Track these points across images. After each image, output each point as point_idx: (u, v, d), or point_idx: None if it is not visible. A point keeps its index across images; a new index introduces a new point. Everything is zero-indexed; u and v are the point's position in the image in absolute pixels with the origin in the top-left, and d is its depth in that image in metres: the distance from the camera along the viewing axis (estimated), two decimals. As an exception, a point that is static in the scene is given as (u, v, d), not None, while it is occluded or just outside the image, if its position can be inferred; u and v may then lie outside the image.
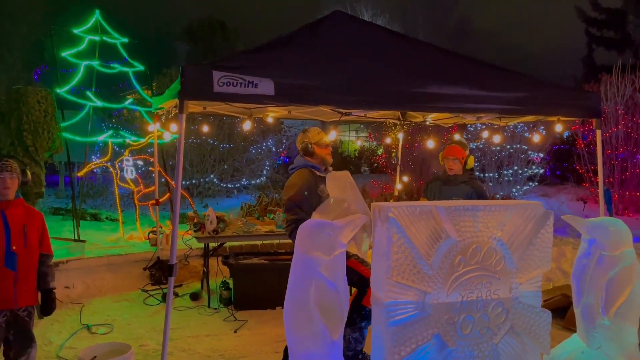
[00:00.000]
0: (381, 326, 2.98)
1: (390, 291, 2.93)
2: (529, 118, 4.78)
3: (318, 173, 3.94)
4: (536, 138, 8.60)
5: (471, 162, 4.45)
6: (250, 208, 8.00)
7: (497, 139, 4.81)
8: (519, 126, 12.40)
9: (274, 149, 14.20)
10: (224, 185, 12.85)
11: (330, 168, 4.14)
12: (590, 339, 3.27)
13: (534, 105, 3.97)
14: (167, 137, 5.24)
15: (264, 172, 13.68)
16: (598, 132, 4.28)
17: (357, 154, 22.61)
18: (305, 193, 3.75)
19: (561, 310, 5.21)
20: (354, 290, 4.14)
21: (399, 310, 2.97)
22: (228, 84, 3.17)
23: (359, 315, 3.87)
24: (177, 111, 3.41)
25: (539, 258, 3.20)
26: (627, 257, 3.20)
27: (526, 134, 12.39)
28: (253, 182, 13.28)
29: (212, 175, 12.51)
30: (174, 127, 3.56)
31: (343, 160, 21.85)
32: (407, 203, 3.19)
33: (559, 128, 4.31)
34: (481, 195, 4.32)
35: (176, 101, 3.36)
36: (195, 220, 5.74)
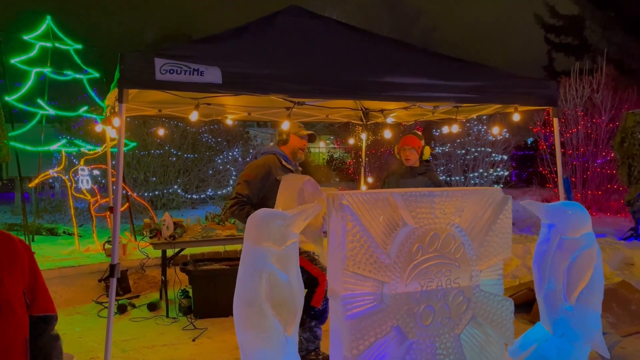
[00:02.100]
0: (338, 320, 2.84)
1: (347, 283, 2.80)
2: (488, 110, 4.75)
3: (284, 162, 3.93)
4: (495, 130, 8.65)
5: (427, 152, 4.40)
6: (215, 217, 7.79)
7: (455, 128, 4.75)
8: (483, 129, 12.56)
9: (240, 159, 14.00)
10: (189, 197, 12.57)
11: (300, 169, 4.10)
12: (553, 325, 3.19)
13: (490, 94, 3.94)
14: (113, 134, 5.01)
15: (231, 182, 13.45)
16: (555, 121, 4.27)
17: (325, 163, 22.57)
18: (261, 175, 3.78)
19: (527, 304, 5.15)
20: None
21: (356, 303, 2.83)
22: (171, 71, 3.01)
23: (308, 315, 3.77)
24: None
25: (499, 244, 3.11)
26: (587, 240, 3.15)
27: (490, 138, 12.55)
28: (219, 192, 13.03)
29: (175, 186, 12.22)
30: (116, 121, 3.38)
31: (314, 170, 21.76)
32: (362, 191, 3.08)
33: (516, 118, 4.28)
34: (439, 187, 4.26)
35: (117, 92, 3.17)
36: (152, 227, 5.50)
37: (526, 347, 3.28)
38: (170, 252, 5.53)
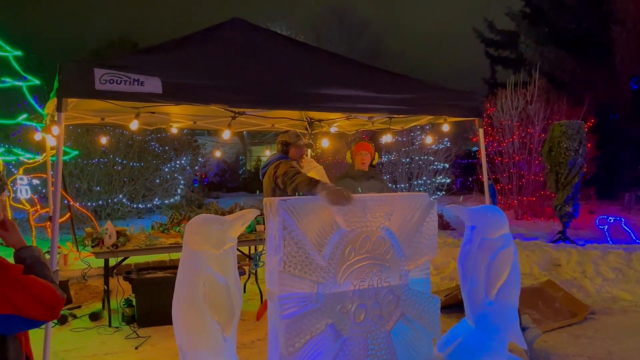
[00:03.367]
0: (275, 319, 2.98)
1: (283, 284, 2.94)
2: (421, 121, 5.04)
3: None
4: (429, 140, 9.08)
5: (376, 158, 4.65)
6: (162, 226, 7.74)
7: (388, 138, 5.02)
8: (428, 139, 13.05)
9: (188, 168, 13.89)
10: (135, 206, 12.35)
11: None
12: (476, 320, 3.45)
13: (420, 106, 4.21)
14: (53, 142, 4.97)
15: (179, 191, 13.32)
16: (480, 131, 4.59)
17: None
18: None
19: (462, 304, 5.44)
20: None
21: (292, 303, 2.97)
22: (111, 81, 3.08)
23: None
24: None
25: (426, 246, 3.35)
26: (505, 240, 3.43)
27: (434, 147, 13.06)
28: (167, 201, 12.88)
29: (121, 196, 11.99)
30: (56, 130, 3.38)
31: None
32: (298, 197, 3.24)
33: (445, 128, 4.58)
34: (389, 189, 4.51)
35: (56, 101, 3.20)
36: (94, 236, 5.45)
37: (452, 341, 3.53)
38: (113, 262, 5.49)
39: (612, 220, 9.13)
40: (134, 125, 3.83)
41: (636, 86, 16.93)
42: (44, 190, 10.22)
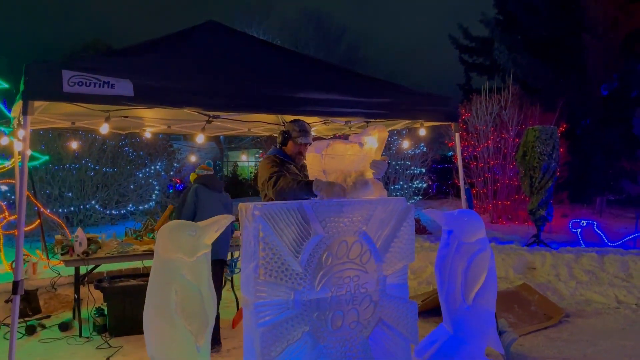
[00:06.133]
0: (251, 328, 2.90)
1: (259, 291, 2.87)
2: (398, 126, 5.03)
3: (285, 161, 3.72)
4: (405, 144, 9.13)
5: None
6: (136, 233, 7.57)
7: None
8: (405, 143, 13.11)
9: (163, 174, 13.67)
10: (108, 213, 12.09)
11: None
12: (454, 325, 3.44)
13: (397, 110, 4.20)
14: (19, 147, 4.81)
15: (153, 197, 13.09)
16: (457, 135, 4.61)
17: (253, 177, 22.52)
18: (276, 164, 3.57)
19: (439, 308, 5.45)
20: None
21: (268, 310, 2.91)
22: (80, 83, 2.98)
23: None
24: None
25: (404, 250, 3.32)
26: (481, 244, 3.43)
27: (410, 152, 13.13)
28: (141, 207, 12.64)
29: (93, 202, 11.72)
30: (22, 134, 3.26)
31: (239, 184, 21.65)
32: (274, 202, 3.18)
33: (422, 132, 4.58)
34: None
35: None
36: (64, 243, 5.29)
37: (430, 347, 3.50)
38: (83, 270, 5.34)
39: (584, 224, 9.29)
40: (104, 129, 3.72)
41: (606, 92, 17.36)
42: (13, 197, 9.92)
